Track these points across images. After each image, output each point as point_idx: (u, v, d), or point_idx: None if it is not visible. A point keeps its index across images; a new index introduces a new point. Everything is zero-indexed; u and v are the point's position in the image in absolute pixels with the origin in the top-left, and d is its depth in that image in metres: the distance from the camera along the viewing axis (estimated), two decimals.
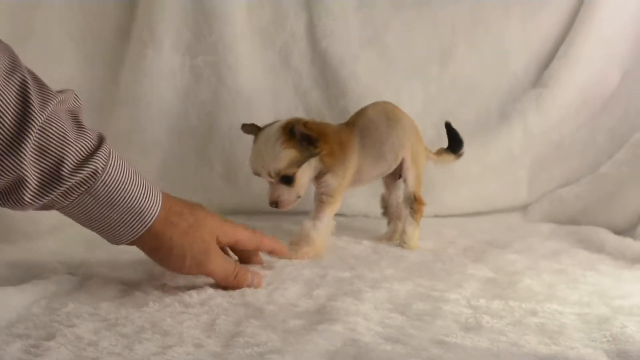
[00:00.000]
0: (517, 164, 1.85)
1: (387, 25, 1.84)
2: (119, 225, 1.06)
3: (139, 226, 1.06)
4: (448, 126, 1.57)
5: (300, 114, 1.76)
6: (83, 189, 1.01)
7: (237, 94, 1.74)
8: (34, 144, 0.95)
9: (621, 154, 1.72)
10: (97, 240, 1.41)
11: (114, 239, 1.08)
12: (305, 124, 1.33)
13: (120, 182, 1.03)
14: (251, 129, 1.41)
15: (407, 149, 1.48)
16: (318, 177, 1.40)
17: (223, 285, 1.14)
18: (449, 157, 1.59)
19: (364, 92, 1.76)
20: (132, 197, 1.05)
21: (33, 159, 0.96)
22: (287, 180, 1.34)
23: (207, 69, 1.74)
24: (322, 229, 1.39)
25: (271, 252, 1.30)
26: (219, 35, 1.73)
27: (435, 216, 1.77)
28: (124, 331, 0.92)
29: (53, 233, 1.48)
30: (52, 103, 0.98)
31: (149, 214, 1.06)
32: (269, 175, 1.34)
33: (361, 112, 1.49)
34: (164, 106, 1.73)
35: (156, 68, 1.71)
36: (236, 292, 1.10)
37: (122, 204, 1.04)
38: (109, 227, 1.06)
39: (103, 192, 1.02)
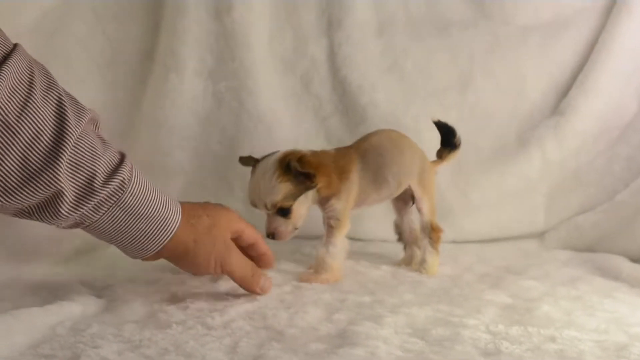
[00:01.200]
0: (534, 191, 1.85)
1: (407, 52, 1.86)
2: (145, 236, 1.09)
3: (164, 235, 1.09)
4: (437, 124, 1.56)
5: (320, 139, 1.77)
6: (113, 201, 1.04)
7: (258, 119, 1.76)
8: (69, 158, 0.98)
9: (638, 182, 1.73)
10: (120, 262, 1.43)
11: (141, 252, 1.11)
12: (300, 158, 1.32)
13: (143, 193, 1.07)
14: (248, 161, 1.41)
15: (413, 176, 1.48)
16: (323, 202, 1.41)
17: (240, 284, 1.19)
18: (452, 153, 1.56)
19: (383, 118, 1.77)
20: (156, 206, 1.08)
21: (69, 173, 0.99)
22: (284, 212, 1.35)
23: (228, 94, 1.76)
24: (336, 253, 1.40)
25: (262, 255, 1.29)
26: (241, 61, 1.75)
27: (453, 242, 1.77)
28: (148, 353, 0.93)
29: (77, 255, 1.50)
30: (85, 119, 1.02)
31: (172, 222, 1.10)
32: (266, 207, 1.34)
33: (366, 137, 1.49)
34: (186, 131, 1.74)
35: (179, 93, 1.73)
36: (257, 315, 1.11)
37: (147, 214, 1.07)
38: (135, 240, 1.09)
39: (130, 203, 1.05)
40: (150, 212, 1.08)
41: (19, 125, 0.94)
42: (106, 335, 0.99)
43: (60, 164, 0.97)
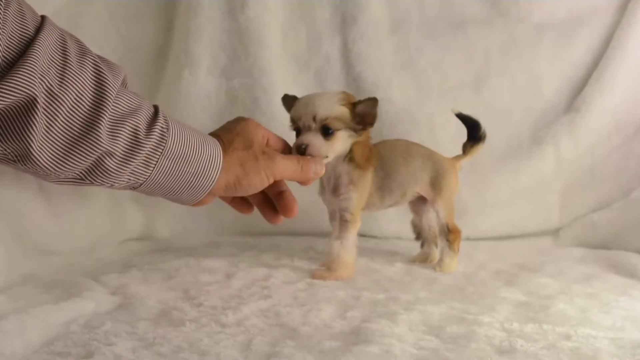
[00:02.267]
0: (549, 188, 1.85)
1: (421, 50, 1.86)
2: (197, 177, 1.10)
3: (213, 170, 1.11)
4: (459, 116, 1.57)
5: None
6: (159, 152, 1.05)
7: (272, 116, 1.76)
8: (111, 116, 1.00)
9: None
10: (134, 259, 1.44)
11: (196, 195, 1.13)
12: (373, 104, 1.34)
13: (182, 137, 1.08)
14: (292, 100, 1.39)
15: (423, 183, 1.48)
16: (337, 189, 1.40)
17: (295, 181, 1.24)
18: (476, 148, 1.57)
19: (397, 116, 1.77)
20: (197, 146, 1.09)
21: (112, 130, 1.00)
22: (327, 131, 1.31)
23: (242, 91, 1.76)
24: (351, 247, 1.39)
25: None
26: (254, 59, 1.76)
27: (467, 239, 1.76)
28: (162, 350, 0.93)
29: (90, 252, 1.51)
30: (121, 77, 1.04)
31: (216, 156, 1.11)
32: (313, 119, 1.30)
33: (380, 146, 1.47)
34: (199, 128, 1.74)
35: (192, 91, 1.73)
36: (271, 313, 1.11)
37: (192, 156, 1.09)
38: (189, 185, 1.11)
39: (175, 150, 1.07)
40: (195, 153, 1.09)
41: (61, 92, 0.95)
42: (120, 333, 0.99)
43: (103, 123, 0.98)
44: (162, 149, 1.05)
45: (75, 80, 0.97)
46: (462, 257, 1.53)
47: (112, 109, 1.00)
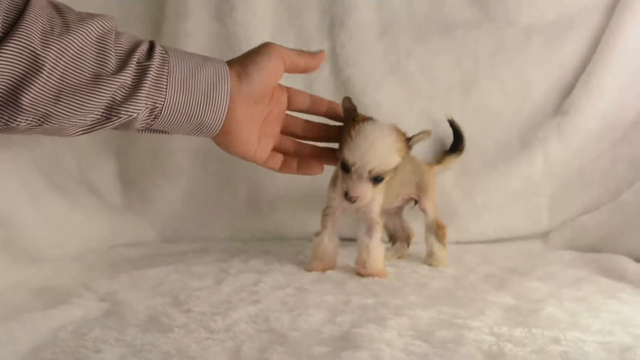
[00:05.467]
0: (538, 191, 1.85)
1: (410, 53, 1.85)
2: (211, 86, 1.13)
3: (223, 74, 1.15)
4: (452, 123, 1.66)
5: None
6: (166, 71, 1.09)
7: None
8: (116, 54, 1.06)
9: None
10: (123, 265, 1.44)
11: (216, 120, 1.16)
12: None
13: (182, 55, 1.13)
14: (351, 110, 1.39)
15: (412, 186, 1.57)
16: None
17: (302, 61, 1.32)
18: (452, 160, 1.69)
19: (386, 119, 1.77)
20: (199, 61, 1.14)
21: (118, 66, 1.05)
22: (378, 180, 1.34)
23: None
24: (380, 245, 1.45)
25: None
26: None
27: (457, 243, 1.77)
28: (150, 357, 0.93)
29: (78, 258, 1.50)
30: (114, 20, 1.09)
31: (220, 65, 1.16)
32: (369, 171, 1.32)
33: None
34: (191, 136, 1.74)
35: None
36: (260, 318, 1.11)
37: (199, 69, 1.13)
38: (208, 98, 1.13)
39: (181, 67, 1.11)
40: (199, 67, 1.12)
41: (63, 42, 1.00)
42: (108, 340, 0.99)
43: (111, 63, 1.04)
44: (168, 68, 1.09)
45: (77, 29, 1.02)
46: (452, 261, 1.54)
47: (115, 48, 1.05)
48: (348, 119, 1.37)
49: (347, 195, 1.34)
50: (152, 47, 1.10)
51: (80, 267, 1.46)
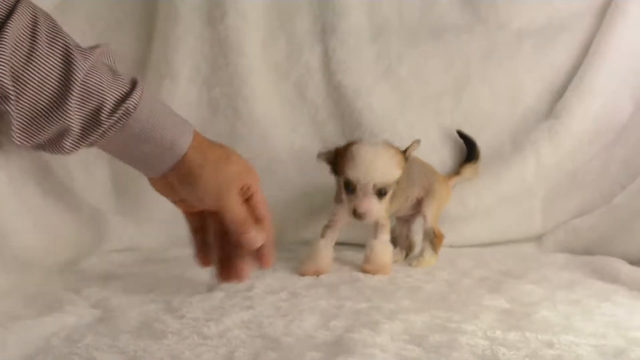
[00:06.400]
0: (531, 194, 1.85)
1: (401, 57, 1.86)
2: (153, 157, 1.13)
3: (171, 157, 1.12)
4: (460, 134, 1.73)
5: (316, 145, 1.75)
6: (117, 128, 1.07)
7: (254, 125, 1.76)
8: (78, 97, 1.03)
9: (635, 184, 1.72)
10: (116, 271, 1.43)
11: (149, 171, 1.17)
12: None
13: (152, 118, 1.10)
14: (329, 156, 1.47)
15: (420, 189, 1.61)
16: None
17: (231, 225, 1.18)
18: (472, 168, 1.74)
19: (378, 123, 1.77)
20: (164, 131, 1.11)
21: (76, 110, 1.03)
22: (382, 193, 1.41)
23: (223, 100, 1.76)
24: (388, 246, 1.51)
25: (262, 220, 1.23)
26: (235, 68, 1.75)
27: (451, 246, 1.77)
28: None
29: (69, 265, 1.50)
30: (91, 59, 1.05)
31: (180, 147, 1.12)
32: (373, 186, 1.40)
33: None
34: None
35: (173, 100, 1.72)
36: (253, 324, 1.10)
37: (154, 138, 1.10)
38: (143, 160, 1.15)
39: (136, 128, 1.09)
40: (157, 136, 1.10)
41: (26, 74, 0.99)
42: (101, 346, 0.99)
43: (70, 104, 1.02)
44: (121, 125, 1.07)
45: (42, 61, 1.00)
46: (446, 264, 1.54)
47: (79, 88, 1.03)
48: (334, 158, 1.47)
49: (355, 213, 1.41)
50: (124, 97, 1.07)
51: (72, 273, 1.46)
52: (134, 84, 1.10)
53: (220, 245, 1.26)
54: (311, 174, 1.72)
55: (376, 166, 1.39)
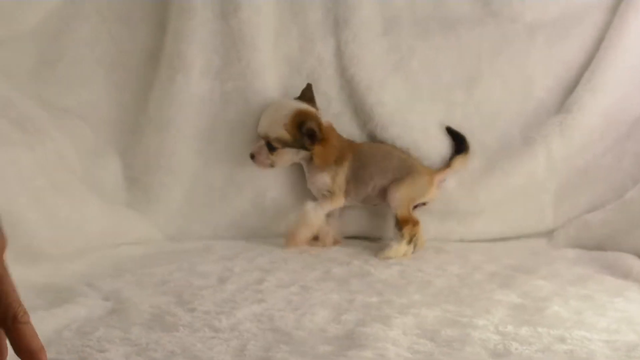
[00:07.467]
0: (541, 189, 1.84)
1: (413, 50, 1.85)
2: None
3: None
4: (449, 130, 1.75)
5: None
6: None
7: None
8: None
9: None
10: (127, 264, 1.43)
11: None
12: (319, 125, 1.58)
13: None
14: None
15: (388, 180, 1.66)
16: (312, 173, 1.65)
17: None
18: (460, 161, 1.73)
19: (390, 116, 1.77)
20: None
21: None
22: (270, 147, 1.62)
23: (235, 94, 1.75)
24: (322, 215, 1.61)
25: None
26: (247, 61, 1.75)
27: (462, 241, 1.77)
28: (155, 356, 0.93)
29: (80, 256, 1.49)
30: None
31: None
32: (262, 135, 1.62)
33: (365, 142, 1.72)
34: (192, 131, 1.74)
35: (185, 93, 1.72)
36: (265, 317, 1.10)
37: None
38: None
39: None
40: None
41: None
42: (113, 339, 0.99)
43: None
44: None
45: None
46: (457, 259, 1.54)
47: None
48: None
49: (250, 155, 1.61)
50: None
51: (84, 265, 1.46)
52: None
53: None
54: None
55: (267, 121, 1.63)
